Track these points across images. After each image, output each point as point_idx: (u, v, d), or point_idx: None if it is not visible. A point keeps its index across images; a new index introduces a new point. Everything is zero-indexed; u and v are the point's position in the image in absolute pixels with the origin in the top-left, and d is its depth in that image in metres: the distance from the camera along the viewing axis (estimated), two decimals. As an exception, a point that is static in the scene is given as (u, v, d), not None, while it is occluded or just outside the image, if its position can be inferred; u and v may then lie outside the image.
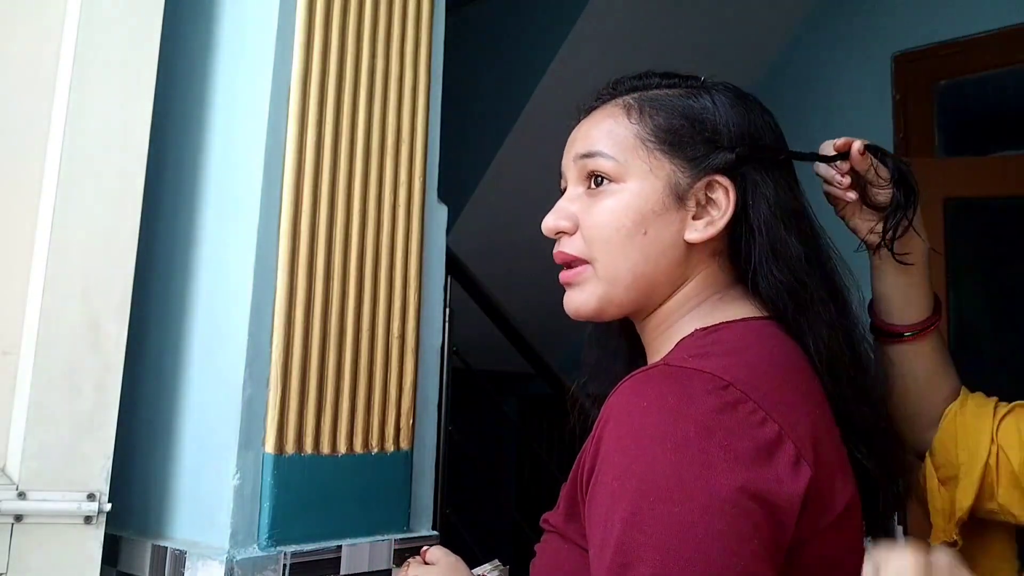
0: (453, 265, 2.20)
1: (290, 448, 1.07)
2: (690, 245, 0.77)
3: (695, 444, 0.63)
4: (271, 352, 1.08)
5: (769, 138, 0.80)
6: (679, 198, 0.77)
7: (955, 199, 2.68)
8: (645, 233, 0.76)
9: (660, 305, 0.79)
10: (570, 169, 0.82)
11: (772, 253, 0.76)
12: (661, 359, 0.74)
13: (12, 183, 1.05)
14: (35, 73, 1.08)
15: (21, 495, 0.99)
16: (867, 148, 0.84)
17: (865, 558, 0.61)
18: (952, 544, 0.95)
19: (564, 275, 0.81)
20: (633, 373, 0.70)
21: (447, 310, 1.92)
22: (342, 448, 1.12)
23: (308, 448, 1.09)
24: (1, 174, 1.05)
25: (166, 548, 1.08)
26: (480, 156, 2.92)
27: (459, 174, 2.88)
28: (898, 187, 0.83)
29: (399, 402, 1.18)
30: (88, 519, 1.03)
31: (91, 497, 1.03)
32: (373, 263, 1.17)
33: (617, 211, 0.77)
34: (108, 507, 1.04)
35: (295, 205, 1.10)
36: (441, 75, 1.31)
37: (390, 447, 1.17)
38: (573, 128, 0.85)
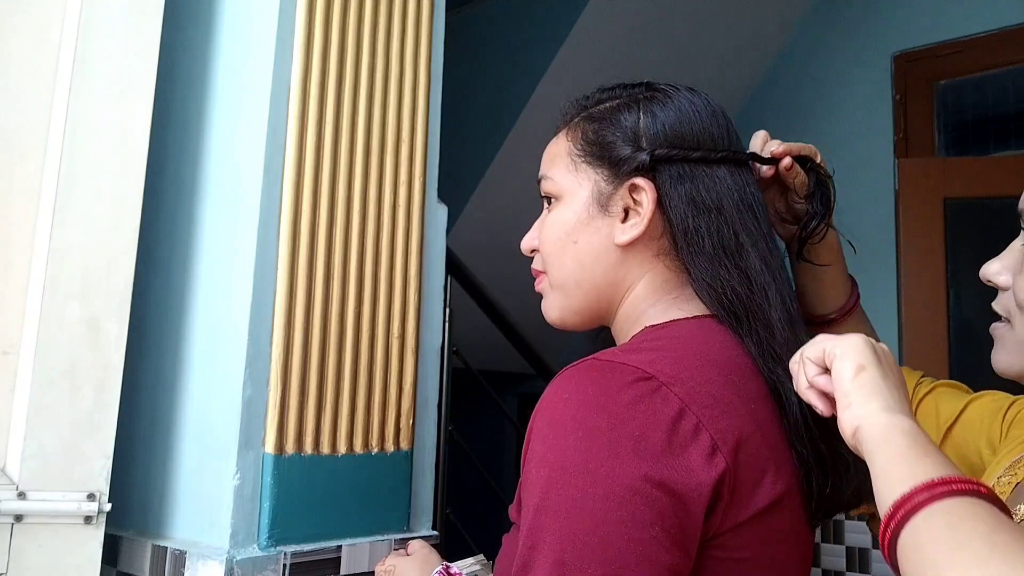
0: (453, 265, 2.21)
1: (290, 448, 1.07)
2: (626, 248, 0.81)
3: (605, 434, 0.66)
4: (271, 352, 1.08)
5: (706, 135, 0.82)
6: (603, 205, 0.81)
7: (955, 199, 2.68)
8: (576, 242, 0.82)
9: (617, 309, 0.83)
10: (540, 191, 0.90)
11: (689, 249, 0.78)
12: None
13: (12, 183, 1.05)
14: (35, 73, 1.08)
15: (21, 495, 0.99)
16: (797, 160, 0.87)
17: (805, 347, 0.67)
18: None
19: (536, 285, 0.89)
20: (566, 367, 0.74)
21: (447, 310, 1.93)
22: (342, 448, 1.12)
23: (308, 448, 1.09)
24: (1, 174, 1.05)
25: (166, 548, 1.08)
26: (480, 156, 2.92)
27: (459, 174, 2.88)
28: (812, 201, 0.87)
29: (399, 402, 1.18)
30: (88, 519, 1.03)
31: (91, 497, 1.03)
32: (373, 263, 1.17)
33: (553, 226, 0.84)
34: (108, 507, 1.04)
35: (295, 205, 1.10)
36: (441, 75, 1.31)
37: (390, 447, 1.17)
38: None
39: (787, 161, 0.86)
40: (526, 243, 0.89)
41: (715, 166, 0.81)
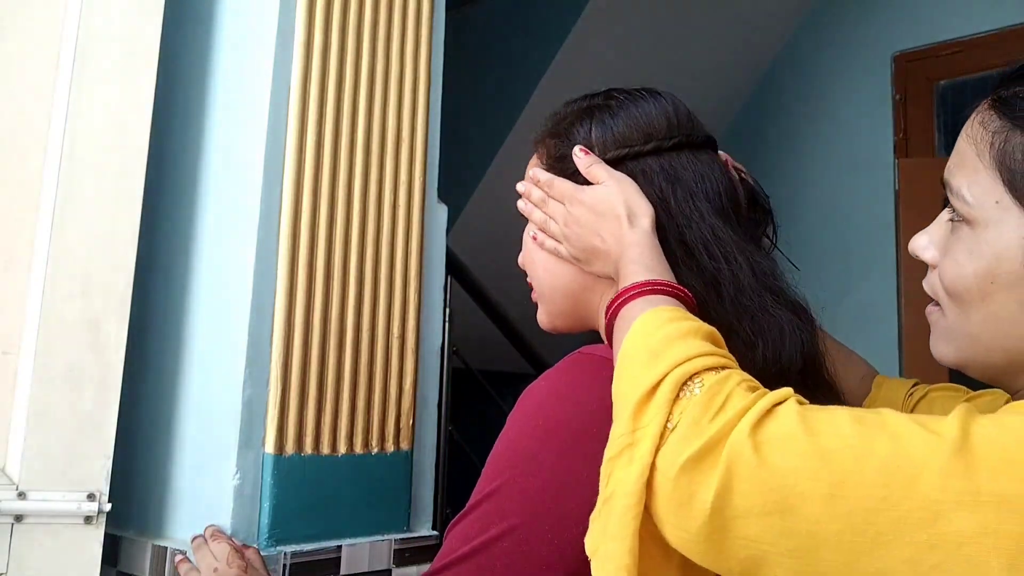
0: (453, 265, 2.21)
1: (290, 448, 1.08)
2: None
3: (564, 427, 0.69)
4: (271, 352, 1.08)
5: (655, 128, 0.81)
6: None
7: (955, 199, 2.68)
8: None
9: (598, 311, 0.84)
10: None
11: None
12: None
13: (12, 183, 1.05)
14: (35, 73, 1.08)
15: (21, 495, 0.99)
16: (733, 167, 0.88)
17: None
18: None
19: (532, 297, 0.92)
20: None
21: (447, 310, 1.92)
22: (342, 448, 1.12)
23: (308, 448, 1.09)
24: (1, 174, 1.05)
25: (166, 548, 1.08)
26: (480, 156, 2.92)
27: (459, 174, 2.88)
28: (753, 210, 0.88)
29: (399, 402, 1.18)
30: (88, 519, 1.03)
31: (91, 497, 1.03)
32: (373, 263, 1.17)
33: (528, 240, 0.88)
34: (108, 507, 1.04)
35: (295, 205, 1.10)
36: (441, 75, 1.31)
37: (390, 447, 1.17)
38: None
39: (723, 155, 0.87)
40: (519, 259, 0.93)
41: (670, 155, 0.80)
